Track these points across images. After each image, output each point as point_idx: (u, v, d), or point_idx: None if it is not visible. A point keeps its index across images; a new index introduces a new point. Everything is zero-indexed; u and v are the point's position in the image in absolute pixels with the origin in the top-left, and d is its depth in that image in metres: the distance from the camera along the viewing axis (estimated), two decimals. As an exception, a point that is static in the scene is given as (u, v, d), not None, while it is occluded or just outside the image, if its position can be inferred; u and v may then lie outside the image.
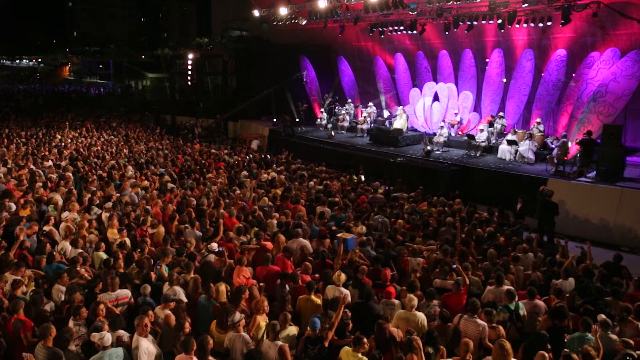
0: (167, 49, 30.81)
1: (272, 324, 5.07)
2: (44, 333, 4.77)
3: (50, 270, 6.76)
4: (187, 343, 4.61)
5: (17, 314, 5.29)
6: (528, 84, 16.74)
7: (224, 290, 5.98)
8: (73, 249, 7.37)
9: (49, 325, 4.84)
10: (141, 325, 4.86)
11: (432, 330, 5.31)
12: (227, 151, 16.66)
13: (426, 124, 19.08)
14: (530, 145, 14.13)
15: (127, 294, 5.84)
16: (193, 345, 4.58)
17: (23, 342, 5.01)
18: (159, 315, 5.47)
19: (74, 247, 7.37)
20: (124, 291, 5.84)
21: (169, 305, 5.55)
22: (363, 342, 4.88)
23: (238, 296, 5.72)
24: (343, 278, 6.29)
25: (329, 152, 16.86)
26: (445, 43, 19.20)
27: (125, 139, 18.22)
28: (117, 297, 5.73)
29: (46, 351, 4.76)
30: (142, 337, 4.88)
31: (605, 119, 13.58)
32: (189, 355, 4.60)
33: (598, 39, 15.16)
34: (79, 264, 6.68)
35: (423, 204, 10.84)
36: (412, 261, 7.33)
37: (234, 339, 5.10)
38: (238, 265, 6.59)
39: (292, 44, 23.00)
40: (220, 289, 5.93)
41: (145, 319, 4.91)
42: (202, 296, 5.94)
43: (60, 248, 7.53)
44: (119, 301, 5.75)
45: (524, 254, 7.83)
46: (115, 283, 5.73)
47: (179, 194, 10.61)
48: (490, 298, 6.39)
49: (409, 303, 5.81)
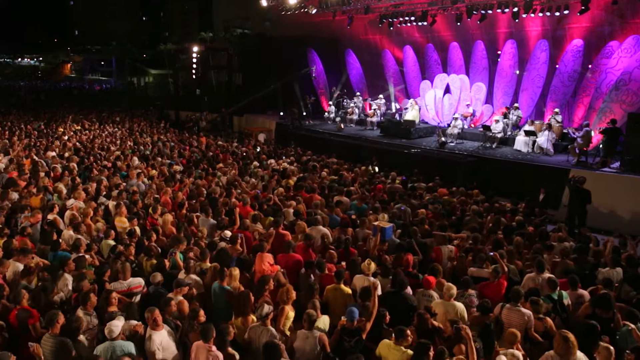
0: (170, 44, 30.34)
1: (308, 313, 4.63)
2: (50, 321, 4.32)
3: (55, 259, 6.31)
4: (206, 330, 4.16)
5: (20, 304, 4.83)
6: (542, 76, 16.27)
7: (237, 275, 5.53)
8: (75, 234, 6.92)
9: (56, 312, 4.39)
10: (151, 319, 4.40)
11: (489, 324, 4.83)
12: (235, 144, 16.22)
13: (437, 116, 18.64)
14: (548, 137, 13.65)
15: (140, 283, 5.39)
16: (213, 333, 4.13)
17: (32, 334, 4.54)
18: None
19: (77, 234, 6.91)
20: (137, 279, 5.39)
21: (182, 290, 5.09)
22: (406, 333, 4.42)
23: (262, 286, 5.26)
24: (373, 267, 5.85)
25: (339, 144, 16.42)
26: (456, 35, 18.76)
27: (130, 132, 17.78)
28: (129, 286, 5.28)
29: (53, 340, 4.32)
30: (154, 330, 4.42)
31: (628, 108, 13.11)
32: (208, 344, 4.15)
33: (616, 28, 14.69)
34: (82, 248, 6.21)
35: (442, 190, 10.40)
36: (445, 249, 6.87)
37: (259, 331, 4.64)
38: (260, 252, 6.12)
39: (299, 36, 22.57)
40: (234, 274, 5.47)
41: (155, 312, 4.45)
42: (215, 282, 5.48)
43: (65, 236, 7.08)
44: (132, 290, 5.30)
45: (559, 242, 7.36)
46: (127, 270, 5.26)
47: (188, 183, 10.17)
48: (531, 286, 5.92)
49: (447, 292, 5.36)
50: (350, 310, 4.78)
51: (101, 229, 7.31)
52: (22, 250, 5.82)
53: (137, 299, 5.29)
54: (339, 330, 4.75)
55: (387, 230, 6.75)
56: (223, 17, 49.47)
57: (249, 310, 4.88)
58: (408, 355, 4.28)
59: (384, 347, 4.48)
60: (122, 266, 5.27)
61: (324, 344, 4.53)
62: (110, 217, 8.45)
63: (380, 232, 6.64)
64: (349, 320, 4.74)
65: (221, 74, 29.06)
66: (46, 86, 43.32)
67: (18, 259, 5.71)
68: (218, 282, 5.43)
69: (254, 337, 4.62)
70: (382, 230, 6.67)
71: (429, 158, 13.93)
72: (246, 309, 4.84)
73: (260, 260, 6.04)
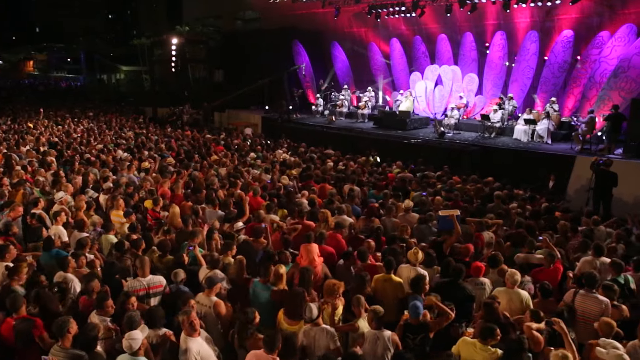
0: (144, 38, 28.93)
1: (374, 310, 3.97)
2: (60, 330, 3.49)
3: (48, 258, 5.40)
4: (272, 340, 3.43)
5: (18, 313, 3.96)
6: (532, 67, 16.18)
7: (284, 274, 4.80)
8: (77, 232, 6.01)
9: (67, 319, 3.56)
10: (187, 323, 3.63)
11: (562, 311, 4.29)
12: (223, 136, 15.35)
13: (428, 107, 18.32)
14: (548, 125, 13.46)
15: (161, 281, 4.58)
16: (279, 342, 3.40)
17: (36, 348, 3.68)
18: (203, 303, 4.25)
19: (78, 231, 6.01)
20: (157, 277, 4.58)
21: (215, 289, 4.32)
22: (496, 332, 3.81)
23: (309, 280, 4.57)
24: (421, 256, 5.23)
25: (334, 136, 15.84)
26: (444, 27, 18.53)
27: (108, 126, 16.60)
28: (148, 285, 4.46)
29: (64, 354, 3.50)
30: (191, 337, 3.65)
31: (627, 95, 13.08)
32: (272, 356, 3.43)
33: (605, 19, 14.74)
34: (87, 247, 5.35)
35: (455, 178, 9.96)
36: (485, 235, 6.34)
37: (315, 333, 3.95)
38: (307, 242, 5.39)
39: (284, 28, 21.86)
40: (280, 272, 4.73)
41: (193, 314, 3.69)
42: (255, 280, 4.74)
43: (53, 232, 6.16)
44: (152, 290, 4.48)
45: (595, 226, 6.97)
46: (146, 265, 4.44)
47: (185, 175, 9.32)
48: (587, 270, 5.45)
49: (510, 278, 4.82)
50: (414, 305, 4.16)
51: (97, 223, 6.42)
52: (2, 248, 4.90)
53: (157, 300, 4.48)
54: (402, 327, 4.11)
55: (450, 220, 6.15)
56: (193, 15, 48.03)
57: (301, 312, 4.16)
58: (497, 355, 3.70)
59: (467, 347, 3.86)
60: (140, 261, 4.44)
61: (397, 344, 3.88)
62: (100, 211, 7.57)
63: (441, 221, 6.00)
64: (413, 316, 4.12)
65: (198, 68, 27.92)
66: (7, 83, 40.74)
67: (5, 258, 4.79)
68: (260, 280, 4.69)
69: (310, 342, 3.91)
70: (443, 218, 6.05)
71: (432, 148, 13.55)
72: (302, 310, 4.12)
73: (307, 251, 5.30)
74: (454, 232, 6.06)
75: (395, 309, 4.92)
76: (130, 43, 32.24)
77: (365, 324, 4.38)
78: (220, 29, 26.63)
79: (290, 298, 4.25)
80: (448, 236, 6.07)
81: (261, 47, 22.14)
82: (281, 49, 21.60)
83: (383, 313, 4.01)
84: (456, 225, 6.07)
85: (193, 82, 26.78)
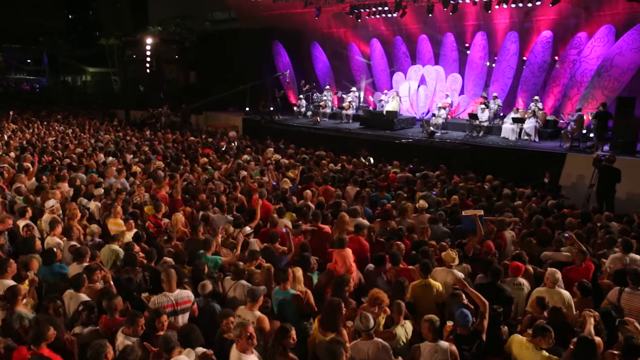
0: (113, 39, 27.73)
1: (430, 320, 3.67)
2: (97, 356, 3.03)
3: (49, 273, 4.85)
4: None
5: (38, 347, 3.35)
6: (512, 67, 16.44)
7: (301, 277, 4.48)
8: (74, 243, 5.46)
9: (103, 343, 3.09)
10: (245, 337, 3.25)
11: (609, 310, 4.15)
12: (207, 138, 14.79)
13: (412, 108, 18.31)
14: (535, 123, 13.65)
15: (190, 296, 4.15)
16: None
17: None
18: (246, 318, 3.86)
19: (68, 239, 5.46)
20: (185, 292, 4.14)
21: (258, 303, 3.94)
22: (550, 333, 3.61)
23: (341, 288, 4.25)
24: (456, 258, 5.01)
25: (322, 137, 15.53)
26: (424, 28, 18.60)
27: (81, 129, 15.70)
28: (176, 301, 4.01)
29: None
30: (245, 353, 3.27)
31: (610, 94, 13.43)
32: None
33: (581, 20, 15.13)
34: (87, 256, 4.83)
35: (456, 177, 9.87)
36: (508, 234, 6.20)
37: (369, 348, 3.62)
38: (340, 248, 5.05)
39: (264, 29, 21.42)
40: (297, 275, 4.41)
41: (250, 327, 3.30)
42: (276, 287, 4.39)
43: (49, 244, 5.60)
44: (179, 306, 4.03)
45: (608, 222, 6.97)
46: (173, 279, 4.00)
47: (180, 180, 8.79)
48: (618, 267, 5.38)
49: (550, 277, 4.67)
50: (462, 314, 3.92)
51: (96, 233, 5.88)
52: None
53: (185, 318, 4.04)
54: (452, 340, 3.85)
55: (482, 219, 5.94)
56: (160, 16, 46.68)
57: (340, 322, 3.83)
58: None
59: (521, 348, 3.67)
60: (166, 275, 3.99)
61: (455, 356, 3.62)
62: (93, 220, 7.00)
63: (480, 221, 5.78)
64: (463, 325, 3.87)
65: (171, 69, 27.05)
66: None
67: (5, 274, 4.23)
68: (280, 287, 4.34)
69: (363, 358, 3.59)
70: (480, 218, 5.84)
71: (423, 147, 13.45)
72: (339, 321, 3.79)
73: (343, 257, 4.97)
74: (477, 233, 5.90)
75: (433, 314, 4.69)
76: (97, 43, 30.92)
77: (403, 332, 4.12)
78: (193, 30, 25.94)
79: (327, 308, 3.93)
80: (473, 236, 5.89)
81: (239, 48, 21.64)
82: (261, 49, 21.17)
83: (439, 324, 3.74)
84: (479, 226, 5.90)
85: (167, 83, 25.93)
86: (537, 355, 3.65)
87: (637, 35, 12.90)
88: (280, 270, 4.44)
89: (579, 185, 11.18)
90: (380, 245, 6.08)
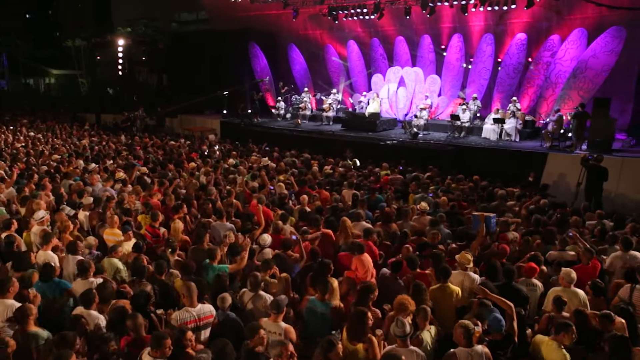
0: (79, 40, 26.64)
1: (465, 325, 3.60)
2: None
3: (48, 289, 4.52)
4: None
5: None
6: (488, 68, 16.79)
7: (337, 288, 4.36)
8: (71, 256, 5.12)
9: None
10: (285, 357, 3.11)
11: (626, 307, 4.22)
12: (189, 143, 14.40)
13: (391, 109, 18.44)
14: (515, 123, 13.99)
15: (212, 311, 3.94)
16: None
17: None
18: (272, 330, 3.71)
19: (72, 254, 5.12)
20: (207, 307, 3.94)
21: (283, 314, 3.79)
22: (572, 328, 3.64)
23: (367, 296, 4.14)
24: (471, 260, 4.99)
25: (305, 139, 15.39)
26: (400, 30, 18.78)
27: (53, 134, 14.98)
28: (199, 316, 3.79)
29: None
30: None
31: (585, 94, 13.90)
32: None
33: (553, 23, 15.63)
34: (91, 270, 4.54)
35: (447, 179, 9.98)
36: (510, 235, 6.25)
37: (404, 355, 3.52)
38: (359, 253, 4.93)
39: (239, 30, 21.07)
40: (334, 286, 4.28)
41: (289, 346, 3.16)
42: (312, 298, 4.25)
43: (43, 259, 5.23)
44: (202, 321, 3.81)
45: (600, 219, 7.16)
46: (194, 292, 3.78)
47: (167, 185, 8.48)
48: (619, 265, 5.51)
49: (566, 277, 4.70)
50: (496, 319, 3.90)
51: (93, 245, 5.55)
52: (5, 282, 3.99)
53: (207, 334, 3.83)
54: (486, 346, 3.81)
55: (492, 220, 5.94)
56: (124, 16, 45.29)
57: (368, 331, 3.73)
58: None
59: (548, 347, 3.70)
60: (187, 289, 3.76)
61: (489, 359, 3.58)
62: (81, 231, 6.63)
63: (485, 223, 5.78)
64: (496, 330, 3.84)
65: (142, 71, 26.29)
66: None
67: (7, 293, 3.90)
68: (317, 297, 4.19)
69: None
70: (486, 219, 5.83)
71: (408, 149, 13.53)
72: (367, 330, 3.68)
73: (362, 263, 4.85)
74: (478, 234, 5.93)
75: (453, 319, 4.66)
76: (61, 44, 29.65)
77: (429, 336, 4.06)
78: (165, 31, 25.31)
79: (355, 317, 3.80)
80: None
81: (214, 49, 21.19)
82: (237, 51, 20.81)
83: (473, 328, 3.69)
84: (482, 227, 5.93)
85: (138, 86, 25.18)
86: (560, 353, 3.67)
87: (609, 39, 13.41)
88: (322, 282, 4.31)
89: (560, 184, 11.51)
90: (386, 249, 6.02)
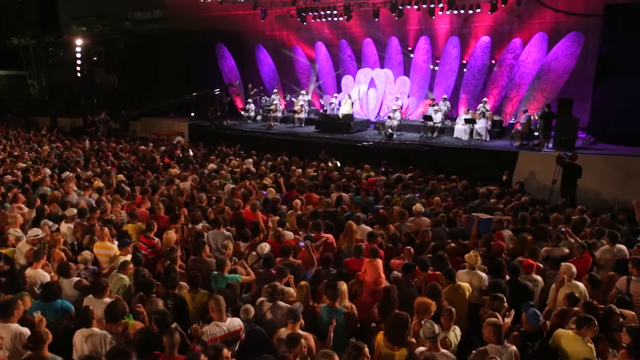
0: (28, 38, 25.04)
1: (494, 323, 3.68)
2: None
3: (51, 311, 4.20)
4: None
5: None
6: (454, 70, 17.32)
7: (346, 292, 4.34)
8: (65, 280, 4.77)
9: None
10: None
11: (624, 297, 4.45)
12: (164, 148, 13.87)
13: (362, 110, 18.61)
14: (485, 124, 14.48)
15: (240, 324, 3.80)
16: None
17: None
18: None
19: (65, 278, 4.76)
20: (236, 320, 3.80)
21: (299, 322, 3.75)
22: (594, 322, 3.79)
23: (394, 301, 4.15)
24: (480, 259, 5.10)
25: (279, 142, 15.24)
26: (368, 32, 19.03)
27: (8, 140, 14.02)
28: (228, 330, 3.64)
29: None
30: None
31: (548, 95, 14.61)
32: None
33: (515, 27, 16.35)
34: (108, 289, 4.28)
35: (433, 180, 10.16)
36: (505, 232, 6.44)
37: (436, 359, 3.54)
38: (373, 257, 4.89)
39: (205, 31, 20.60)
40: (342, 289, 4.27)
41: (335, 357, 3.08)
42: (323, 305, 4.20)
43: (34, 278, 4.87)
44: (231, 336, 3.66)
45: (581, 215, 7.52)
46: (222, 307, 3.62)
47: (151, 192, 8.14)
48: (608, 258, 5.80)
49: (567, 272, 4.90)
50: (535, 314, 4.05)
51: (89, 260, 5.22)
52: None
53: (235, 348, 3.68)
54: (517, 336, 3.91)
55: (486, 222, 6.05)
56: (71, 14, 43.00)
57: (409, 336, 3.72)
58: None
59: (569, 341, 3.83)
60: (215, 303, 3.60)
61: (518, 358, 3.66)
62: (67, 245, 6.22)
63: (478, 224, 5.88)
64: (533, 324, 3.97)
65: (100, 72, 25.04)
66: None
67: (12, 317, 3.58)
68: (329, 304, 4.13)
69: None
70: (479, 221, 5.93)
71: (384, 149, 13.68)
72: (407, 335, 3.67)
73: (373, 267, 4.83)
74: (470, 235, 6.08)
75: (466, 317, 4.76)
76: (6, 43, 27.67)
77: (453, 336, 4.13)
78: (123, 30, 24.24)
79: (394, 322, 3.79)
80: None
81: (178, 50, 20.58)
82: (204, 52, 20.35)
83: (501, 325, 3.77)
84: (475, 228, 6.08)
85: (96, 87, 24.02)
86: (586, 346, 3.80)
87: (570, 43, 14.16)
88: (331, 288, 4.25)
89: (531, 181, 12.00)
90: (389, 251, 6.05)
